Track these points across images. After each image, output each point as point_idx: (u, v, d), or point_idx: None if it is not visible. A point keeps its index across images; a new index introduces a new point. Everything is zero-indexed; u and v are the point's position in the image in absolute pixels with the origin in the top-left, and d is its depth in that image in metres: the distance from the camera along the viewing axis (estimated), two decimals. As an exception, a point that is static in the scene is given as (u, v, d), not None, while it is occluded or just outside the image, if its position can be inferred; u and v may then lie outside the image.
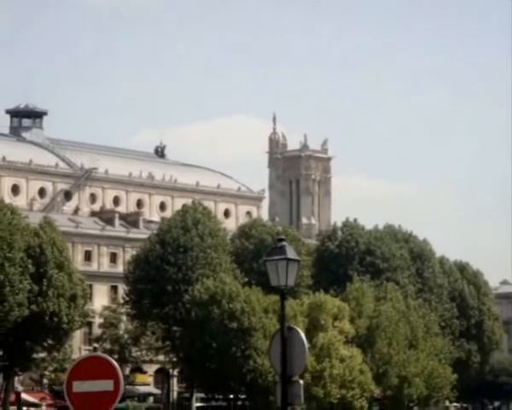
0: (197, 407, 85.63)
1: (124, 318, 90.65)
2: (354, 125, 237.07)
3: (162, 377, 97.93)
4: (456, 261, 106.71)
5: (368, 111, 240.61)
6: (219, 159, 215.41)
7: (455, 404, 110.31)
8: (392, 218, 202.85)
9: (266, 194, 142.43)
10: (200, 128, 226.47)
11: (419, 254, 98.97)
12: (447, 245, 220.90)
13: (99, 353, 14.74)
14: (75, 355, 76.70)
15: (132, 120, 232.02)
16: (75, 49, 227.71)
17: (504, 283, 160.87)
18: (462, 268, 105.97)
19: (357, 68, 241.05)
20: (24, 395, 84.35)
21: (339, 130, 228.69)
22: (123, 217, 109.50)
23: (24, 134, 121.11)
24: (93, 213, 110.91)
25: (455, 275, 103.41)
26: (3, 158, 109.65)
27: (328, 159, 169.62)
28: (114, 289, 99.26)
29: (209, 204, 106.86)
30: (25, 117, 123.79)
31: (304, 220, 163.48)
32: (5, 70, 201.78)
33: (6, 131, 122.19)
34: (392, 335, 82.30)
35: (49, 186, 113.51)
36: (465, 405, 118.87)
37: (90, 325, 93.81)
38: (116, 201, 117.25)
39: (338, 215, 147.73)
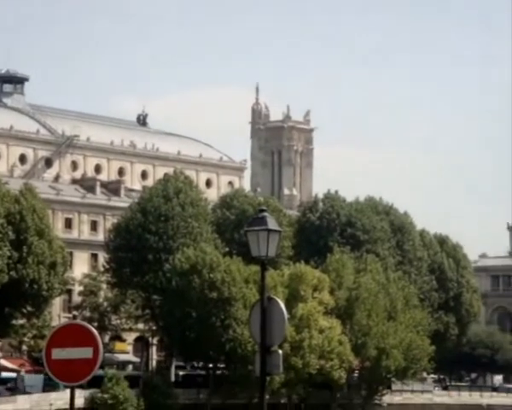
0: (176, 376, 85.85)
1: (104, 286, 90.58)
2: (337, 97, 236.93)
3: (141, 345, 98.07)
4: (436, 234, 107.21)
5: (350, 83, 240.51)
6: (202, 128, 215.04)
7: (432, 375, 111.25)
8: (373, 190, 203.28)
9: (248, 164, 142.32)
10: (182, 97, 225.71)
11: (399, 226, 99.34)
12: (428, 218, 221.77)
13: (78, 320, 14.70)
14: (54, 323, 76.66)
15: (115, 88, 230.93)
16: (58, 14, 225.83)
17: (483, 256, 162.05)
18: (442, 241, 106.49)
19: (341, 40, 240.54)
20: (2, 361, 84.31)
21: (322, 101, 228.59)
22: (104, 185, 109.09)
23: (5, 100, 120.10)
24: (74, 181, 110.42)
25: (434, 248, 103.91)
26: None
27: (311, 130, 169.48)
28: (95, 257, 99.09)
29: (191, 173, 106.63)
30: (6, 82, 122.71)
31: (285, 191, 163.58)
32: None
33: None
34: (371, 306, 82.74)
35: (29, 153, 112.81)
36: (442, 376, 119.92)
37: (69, 292, 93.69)
38: (97, 169, 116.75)
39: (319, 187, 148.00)
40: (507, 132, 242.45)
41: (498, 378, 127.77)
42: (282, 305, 17.56)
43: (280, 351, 17.56)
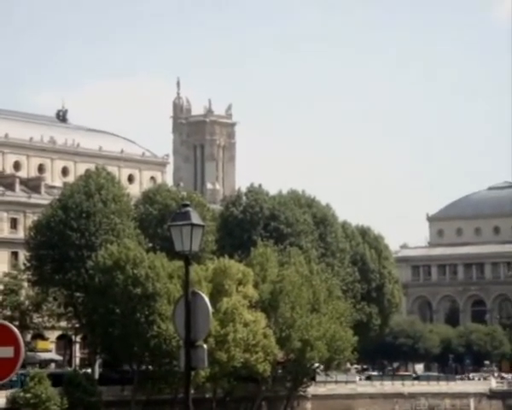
0: (100, 374, 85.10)
1: (25, 284, 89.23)
2: (258, 90, 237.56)
3: (64, 343, 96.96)
4: (357, 226, 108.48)
5: (270, 75, 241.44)
6: (123, 124, 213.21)
7: (356, 366, 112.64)
8: (295, 183, 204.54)
9: (171, 159, 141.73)
10: (102, 91, 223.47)
11: (322, 219, 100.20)
12: (349, 210, 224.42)
13: (-1, 320, 14.45)
14: (-26, 323, 75.11)
15: (33, 82, 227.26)
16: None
17: (404, 247, 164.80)
18: (364, 233, 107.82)
19: (259, 31, 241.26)
20: None
21: (243, 95, 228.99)
22: (24, 182, 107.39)
23: None
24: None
25: (357, 239, 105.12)
26: None
27: (233, 124, 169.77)
28: (15, 255, 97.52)
29: (113, 169, 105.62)
30: None
31: (208, 186, 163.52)
32: None
33: None
34: (295, 299, 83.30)
35: None
36: (365, 366, 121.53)
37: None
38: (17, 165, 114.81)
39: (242, 181, 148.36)
40: (424, 123, 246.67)
41: (420, 367, 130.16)
42: (207, 299, 17.57)
43: (205, 345, 17.57)
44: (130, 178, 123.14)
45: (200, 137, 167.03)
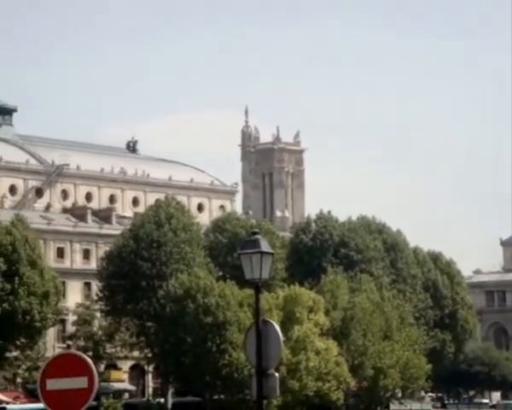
0: (173, 403, 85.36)
1: (98, 314, 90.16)
2: (326, 117, 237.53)
3: (137, 373, 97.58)
4: (429, 251, 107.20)
5: (340, 102, 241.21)
6: (192, 153, 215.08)
7: (430, 394, 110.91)
8: (365, 209, 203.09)
9: (239, 187, 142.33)
10: (172, 122, 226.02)
11: (393, 244, 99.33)
12: (420, 235, 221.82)
13: (73, 350, 14.56)
14: (49, 353, 76.13)
15: (104, 114, 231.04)
16: (42, 43, 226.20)
17: (477, 272, 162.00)
18: (436, 258, 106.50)
19: (329, 59, 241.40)
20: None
21: (311, 122, 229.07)
22: (95, 213, 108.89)
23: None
24: (65, 210, 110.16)
25: (428, 265, 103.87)
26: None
27: (301, 151, 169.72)
28: (88, 285, 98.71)
29: (182, 199, 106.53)
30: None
31: (277, 213, 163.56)
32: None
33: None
34: (366, 326, 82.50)
35: (19, 183, 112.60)
36: (440, 394, 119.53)
37: (63, 322, 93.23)
38: (88, 197, 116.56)
39: (312, 207, 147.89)
40: (492, 146, 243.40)
41: (496, 395, 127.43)
42: (278, 327, 17.43)
43: (276, 374, 17.41)
44: (200, 207, 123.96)
45: (268, 164, 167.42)
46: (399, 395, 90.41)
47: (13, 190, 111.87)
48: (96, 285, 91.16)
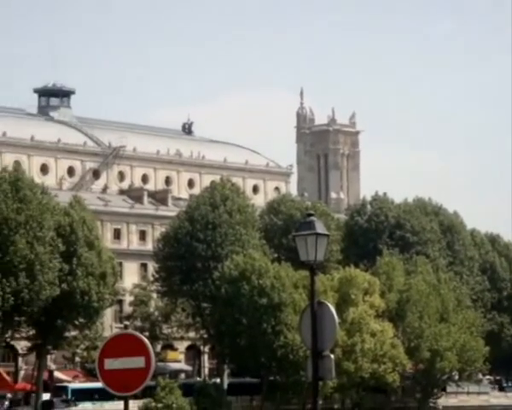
0: (228, 384, 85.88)
1: (154, 295, 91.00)
2: (382, 98, 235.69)
3: (193, 353, 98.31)
4: (487, 233, 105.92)
5: (395, 84, 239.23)
6: (247, 135, 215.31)
7: (488, 377, 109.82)
8: (421, 190, 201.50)
9: (294, 169, 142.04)
10: (227, 105, 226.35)
11: (449, 226, 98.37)
12: (478, 217, 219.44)
13: (130, 330, 14.69)
14: (106, 333, 77.16)
15: (160, 97, 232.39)
16: (101, 26, 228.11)
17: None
18: (493, 240, 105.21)
19: (384, 41, 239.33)
20: (57, 373, 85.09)
21: (366, 103, 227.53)
22: (151, 194, 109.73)
23: (52, 113, 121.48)
24: (122, 192, 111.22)
25: (486, 247, 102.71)
26: (32, 137, 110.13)
27: (357, 132, 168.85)
28: (144, 266, 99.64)
29: (237, 180, 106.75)
30: (52, 96, 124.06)
31: (333, 195, 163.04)
32: (33, 49, 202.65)
33: (34, 110, 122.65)
34: (422, 308, 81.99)
35: (77, 165, 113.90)
36: (498, 377, 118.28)
37: (120, 302, 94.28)
38: (144, 178, 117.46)
39: (367, 189, 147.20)
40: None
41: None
42: (333, 309, 17.38)
43: (332, 356, 17.38)
44: (255, 189, 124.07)
45: (323, 146, 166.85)
46: (456, 377, 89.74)
47: (71, 171, 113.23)
48: (152, 266, 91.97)
